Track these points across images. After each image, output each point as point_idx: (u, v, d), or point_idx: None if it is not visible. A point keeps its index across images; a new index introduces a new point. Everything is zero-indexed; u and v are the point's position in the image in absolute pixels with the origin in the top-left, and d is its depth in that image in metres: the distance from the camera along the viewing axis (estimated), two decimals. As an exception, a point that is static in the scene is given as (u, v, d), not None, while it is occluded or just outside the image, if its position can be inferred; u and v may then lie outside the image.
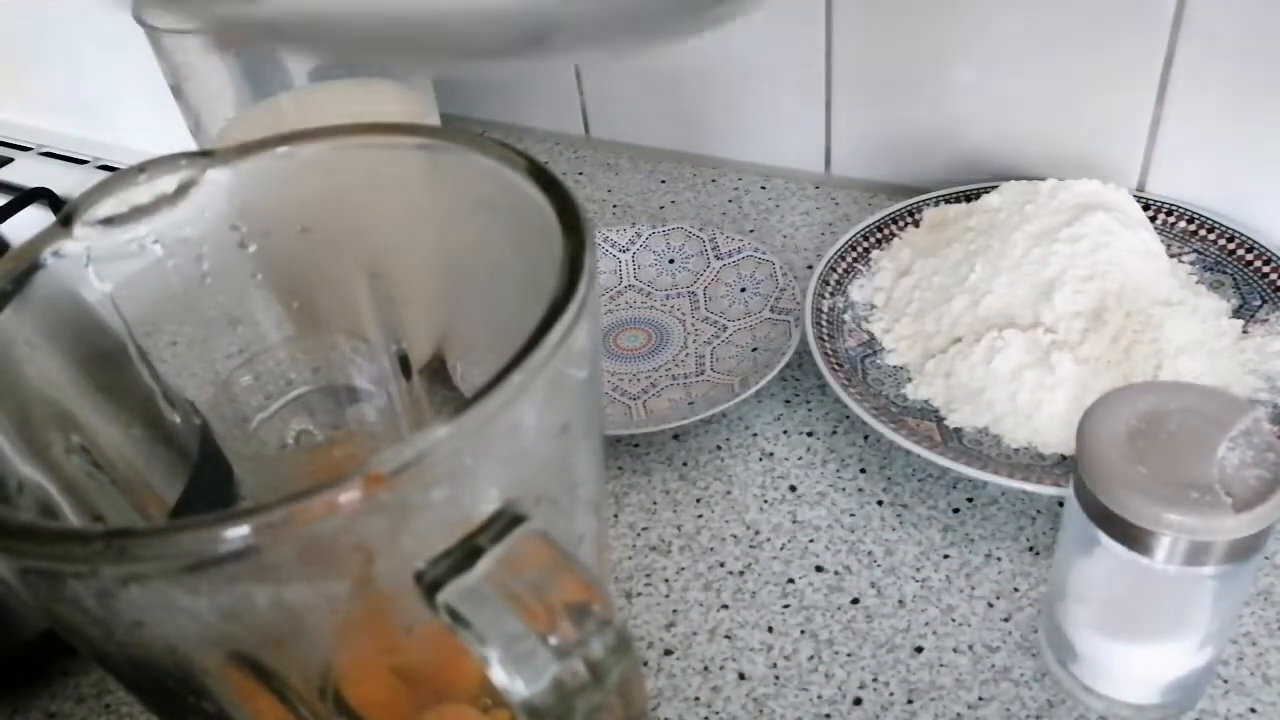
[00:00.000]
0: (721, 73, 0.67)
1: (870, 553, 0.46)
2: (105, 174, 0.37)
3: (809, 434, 0.52)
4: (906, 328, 0.54)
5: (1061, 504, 0.46)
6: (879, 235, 0.59)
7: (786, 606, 0.44)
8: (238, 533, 0.20)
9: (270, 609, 0.22)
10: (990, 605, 0.43)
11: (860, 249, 0.58)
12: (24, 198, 0.71)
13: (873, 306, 0.56)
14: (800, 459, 0.50)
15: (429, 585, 0.22)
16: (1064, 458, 0.47)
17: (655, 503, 0.49)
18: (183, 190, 0.31)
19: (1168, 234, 0.56)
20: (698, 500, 0.49)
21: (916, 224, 0.60)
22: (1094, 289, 0.49)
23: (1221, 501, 0.32)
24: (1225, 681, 0.40)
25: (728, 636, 0.43)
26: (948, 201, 0.60)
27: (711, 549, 0.47)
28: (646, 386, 0.54)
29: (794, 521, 0.47)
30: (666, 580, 0.46)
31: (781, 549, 0.46)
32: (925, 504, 0.47)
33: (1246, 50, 0.53)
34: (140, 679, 0.25)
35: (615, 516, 0.49)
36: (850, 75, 0.64)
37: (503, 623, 0.21)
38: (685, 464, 0.51)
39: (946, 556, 0.45)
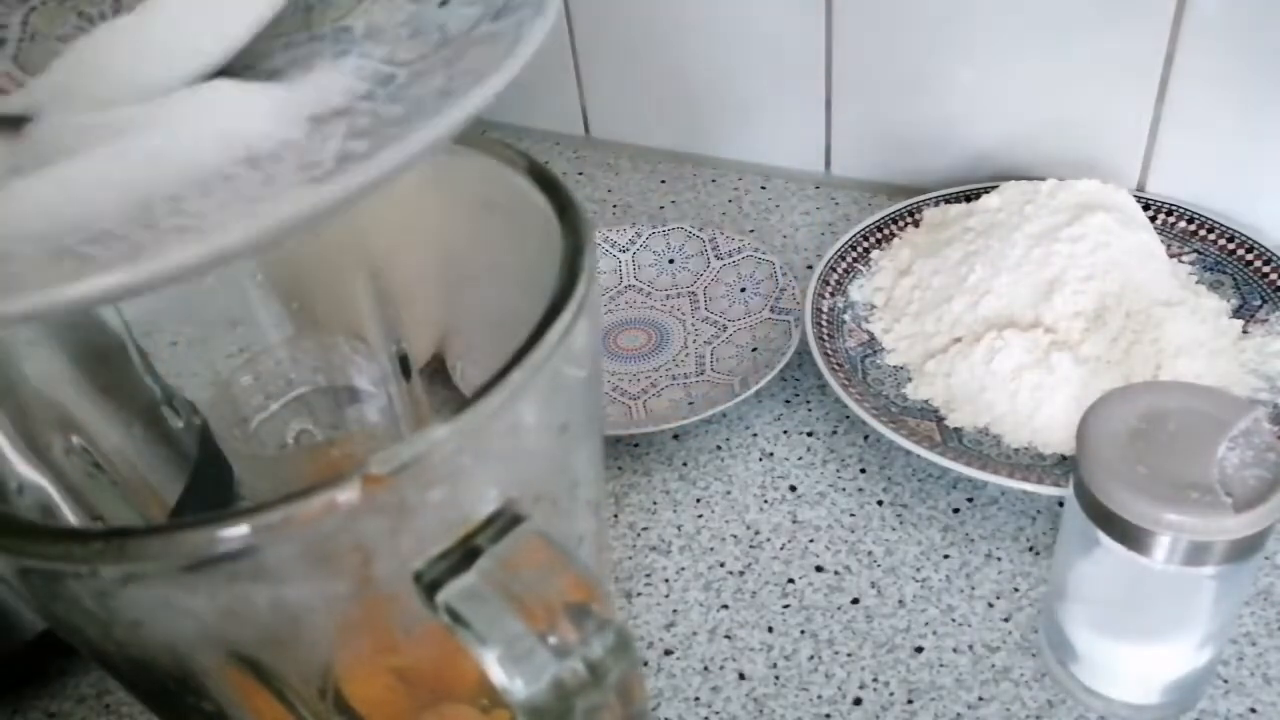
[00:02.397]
0: (721, 73, 0.67)
1: (870, 553, 0.46)
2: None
3: (809, 434, 0.52)
4: (906, 328, 0.54)
5: (1061, 504, 0.46)
6: (879, 235, 0.59)
7: (786, 606, 0.44)
8: (237, 533, 0.20)
9: (270, 609, 0.22)
10: (990, 605, 0.43)
11: (860, 249, 0.58)
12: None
13: (873, 306, 0.56)
14: (800, 459, 0.50)
15: (428, 585, 0.22)
16: (1064, 458, 0.47)
17: (655, 503, 0.49)
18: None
19: (1168, 234, 0.56)
20: (698, 500, 0.49)
21: (916, 224, 0.60)
22: (1094, 289, 0.49)
23: (1221, 501, 0.32)
24: (1225, 681, 0.40)
25: (728, 636, 0.43)
26: (948, 201, 0.60)
27: (711, 549, 0.47)
28: (646, 386, 0.54)
29: (794, 521, 0.47)
30: (666, 580, 0.46)
31: (781, 549, 0.46)
32: (925, 504, 0.47)
33: (1247, 50, 0.53)
34: (140, 679, 0.25)
35: (615, 516, 0.49)
36: (850, 75, 0.64)
37: (502, 623, 0.21)
38: (685, 464, 0.51)
39: (946, 556, 0.45)
